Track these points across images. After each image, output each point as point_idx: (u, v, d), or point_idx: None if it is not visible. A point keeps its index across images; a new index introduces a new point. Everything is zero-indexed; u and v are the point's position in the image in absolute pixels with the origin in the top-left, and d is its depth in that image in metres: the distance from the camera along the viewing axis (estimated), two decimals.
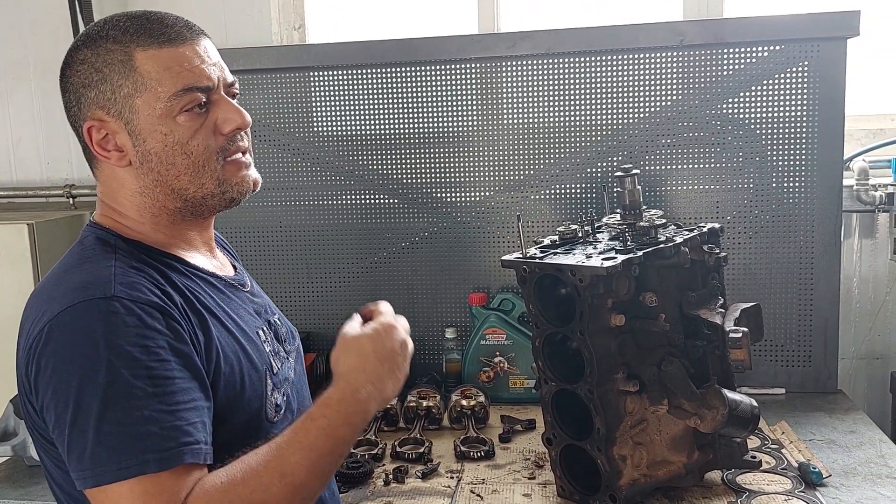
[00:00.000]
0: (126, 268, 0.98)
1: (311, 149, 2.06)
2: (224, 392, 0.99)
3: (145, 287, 0.96)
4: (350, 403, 0.97)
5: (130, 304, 0.93)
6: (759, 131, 1.88)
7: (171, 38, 1.02)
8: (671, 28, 1.88)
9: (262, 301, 1.20)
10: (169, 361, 0.92)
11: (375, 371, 1.00)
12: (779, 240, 1.90)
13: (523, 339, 1.88)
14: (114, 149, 1.03)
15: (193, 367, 0.95)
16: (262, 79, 2.04)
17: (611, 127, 1.94)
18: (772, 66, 1.85)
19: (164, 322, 0.94)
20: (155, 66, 1.00)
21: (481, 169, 2.01)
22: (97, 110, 1.02)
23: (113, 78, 1.01)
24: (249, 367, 1.04)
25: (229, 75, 1.08)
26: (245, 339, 1.06)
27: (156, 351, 0.92)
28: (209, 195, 1.05)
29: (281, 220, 2.09)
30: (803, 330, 1.92)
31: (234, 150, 1.05)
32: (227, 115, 1.04)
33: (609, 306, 1.31)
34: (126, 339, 0.91)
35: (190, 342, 0.96)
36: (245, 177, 1.07)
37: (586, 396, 1.33)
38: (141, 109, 1.00)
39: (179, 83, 1.00)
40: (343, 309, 2.08)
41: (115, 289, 0.93)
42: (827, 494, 1.38)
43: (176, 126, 1.01)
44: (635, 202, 1.44)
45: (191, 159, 1.02)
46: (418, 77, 2.00)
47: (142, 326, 0.92)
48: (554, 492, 1.43)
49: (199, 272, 1.08)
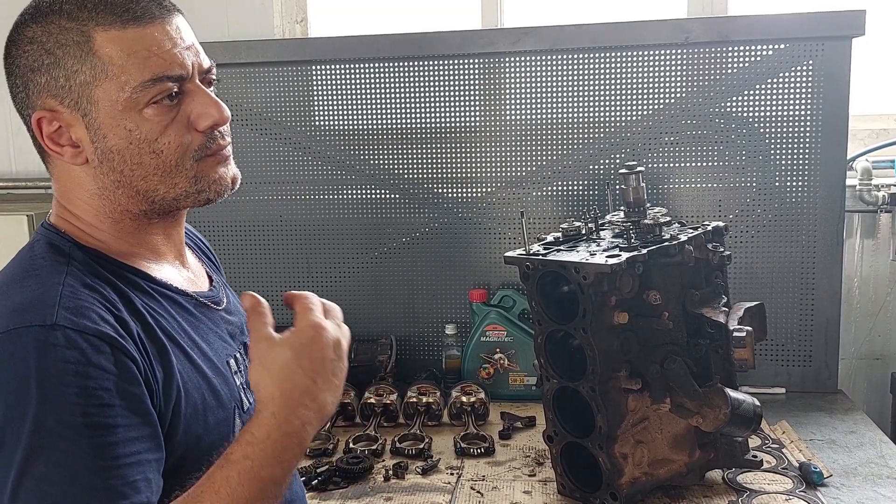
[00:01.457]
0: (77, 286, 0.84)
1: (312, 143, 2.05)
2: (184, 436, 0.86)
3: (96, 312, 0.82)
4: (279, 438, 0.80)
5: (74, 334, 0.78)
6: (763, 130, 1.88)
7: (138, 16, 0.86)
8: (676, 25, 1.87)
9: (239, 320, 1.05)
10: (112, 406, 0.78)
11: (307, 390, 0.82)
12: (781, 239, 1.90)
13: (524, 336, 1.88)
14: (68, 144, 0.89)
15: (143, 411, 0.81)
16: (264, 72, 2.03)
17: (614, 124, 1.93)
18: (776, 64, 1.84)
19: (112, 358, 0.80)
20: (118, 50, 0.86)
21: (483, 165, 2.00)
22: (49, 99, 0.87)
23: (67, 62, 0.86)
24: (216, 405, 0.91)
25: (206, 59, 0.93)
26: (213, 373, 0.92)
27: (98, 393, 0.77)
28: (182, 195, 0.92)
29: (281, 213, 2.08)
30: (804, 329, 1.91)
31: (214, 150, 0.92)
32: (203, 110, 0.90)
33: (612, 304, 1.30)
34: (62, 378, 0.76)
35: (144, 380, 0.82)
36: (223, 174, 0.93)
37: (588, 394, 1.32)
38: (101, 101, 0.86)
39: (147, 71, 0.86)
40: (343, 303, 2.05)
41: (59, 315, 0.79)
42: (828, 494, 1.38)
43: (142, 121, 0.87)
44: (639, 199, 1.44)
45: (160, 158, 0.89)
46: (420, 72, 1.99)
47: (84, 363, 0.77)
48: (554, 489, 1.43)
49: (165, 290, 0.94)
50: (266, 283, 2.10)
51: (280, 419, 0.80)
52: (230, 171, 0.95)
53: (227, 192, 0.95)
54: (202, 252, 1.13)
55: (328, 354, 0.85)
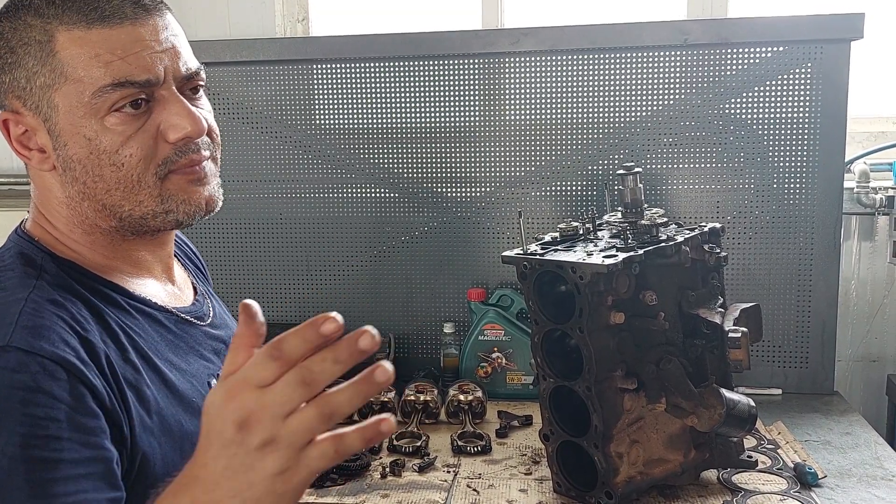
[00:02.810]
0: (42, 302, 0.77)
1: (313, 141, 2.06)
2: (162, 465, 0.80)
3: (57, 334, 0.74)
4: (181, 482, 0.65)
5: (26, 357, 0.71)
6: (761, 132, 1.88)
7: (106, 16, 0.80)
8: (676, 27, 1.88)
9: (225, 333, 0.98)
10: (59, 439, 0.71)
11: (197, 460, 0.63)
12: (778, 241, 1.90)
13: (521, 336, 1.88)
14: (35, 148, 0.83)
15: (96, 445, 0.73)
16: (265, 71, 2.04)
17: (613, 125, 1.94)
18: (775, 66, 1.85)
19: (68, 385, 0.72)
20: (79, 51, 0.79)
21: (482, 164, 2.01)
22: (14, 100, 0.82)
23: (27, 62, 0.80)
24: (194, 432, 0.73)
25: (190, 63, 0.85)
26: (193, 395, 0.85)
27: (43, 423, 0.70)
28: (149, 215, 0.84)
29: (281, 212, 2.09)
30: (801, 331, 1.92)
31: (183, 165, 0.84)
32: (174, 120, 0.82)
33: (609, 304, 1.31)
34: (7, 405, 0.69)
35: (109, 409, 0.75)
36: (193, 193, 0.85)
37: (584, 393, 1.33)
38: (61, 105, 0.80)
39: (108, 75, 0.79)
40: (342, 301, 2.09)
41: (14, 335, 0.73)
42: (822, 495, 1.39)
43: (103, 129, 0.80)
44: (637, 200, 1.44)
45: (122, 172, 0.81)
46: (421, 71, 1.99)
47: (34, 390, 0.70)
48: (550, 487, 1.44)
49: (143, 306, 0.87)
50: (265, 282, 2.11)
51: (178, 485, 0.65)
52: (204, 192, 0.86)
53: (198, 216, 0.86)
54: (188, 259, 1.08)
55: (229, 437, 0.60)
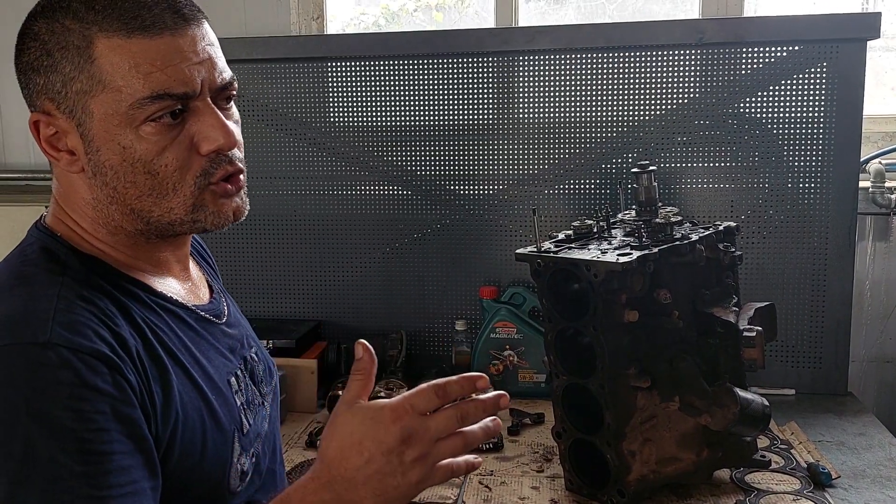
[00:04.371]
0: (72, 298, 0.77)
1: (327, 139, 2.07)
2: (179, 461, 0.81)
3: (92, 329, 0.75)
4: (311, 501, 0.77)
5: (68, 353, 0.72)
6: (776, 131, 1.88)
7: (147, 26, 0.79)
8: (690, 25, 1.87)
9: (239, 332, 0.99)
10: (108, 431, 0.73)
11: (349, 477, 0.76)
12: (792, 240, 1.90)
13: (533, 334, 1.89)
14: (65, 150, 0.83)
15: (139, 436, 0.75)
16: (280, 68, 2.05)
17: (627, 123, 1.94)
18: (790, 66, 1.84)
19: (109, 378, 0.74)
20: (119, 61, 0.79)
21: (495, 162, 2.01)
22: (46, 102, 0.82)
23: (64, 67, 0.80)
24: (214, 429, 0.85)
25: (225, 73, 0.85)
26: (213, 393, 0.87)
27: (92, 417, 0.72)
28: (177, 221, 0.85)
29: (295, 209, 2.10)
30: (815, 331, 1.91)
31: (220, 176, 0.85)
32: (208, 133, 0.82)
33: (623, 302, 1.31)
34: (56, 402, 0.71)
35: (140, 403, 0.77)
36: (224, 206, 0.86)
37: (597, 391, 1.33)
38: (96, 112, 0.80)
39: (147, 87, 0.79)
40: (355, 298, 2.10)
41: (53, 332, 0.73)
42: (835, 496, 1.38)
43: (139, 139, 0.80)
44: (651, 199, 1.45)
45: (156, 180, 0.82)
46: (435, 69, 2.00)
47: (79, 385, 0.72)
48: (562, 485, 1.44)
49: (166, 303, 0.88)
50: (279, 277, 2.12)
51: (318, 483, 0.77)
52: (235, 204, 0.87)
53: (225, 226, 0.88)
54: (200, 255, 1.07)
55: (391, 447, 0.76)
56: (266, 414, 0.99)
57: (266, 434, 0.97)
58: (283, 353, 1.86)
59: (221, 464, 0.86)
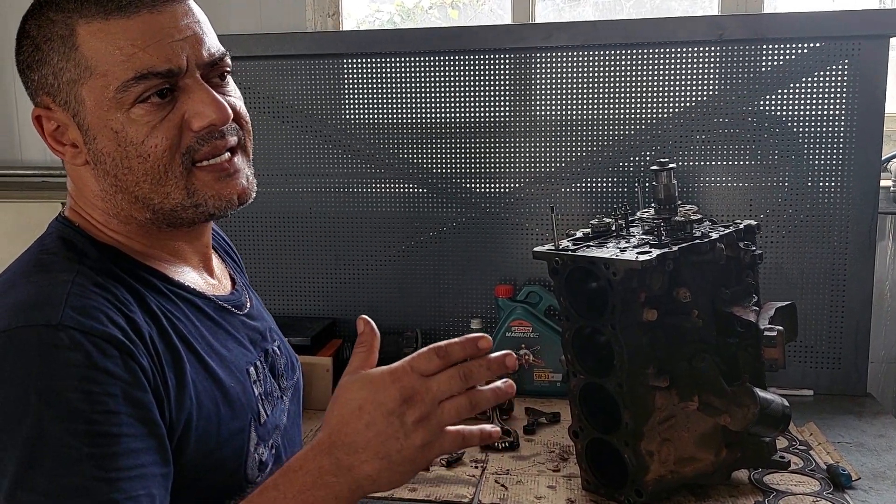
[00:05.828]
0: (87, 284, 0.78)
1: (342, 136, 2.06)
2: (195, 450, 0.81)
3: (104, 314, 0.76)
4: (311, 472, 0.74)
5: (80, 335, 0.73)
6: (796, 129, 1.86)
7: (123, 6, 0.79)
8: (711, 22, 1.85)
9: (262, 325, 1.00)
10: (118, 414, 0.73)
11: (352, 442, 0.73)
12: (812, 240, 1.88)
13: (549, 333, 1.88)
14: (68, 143, 0.84)
15: (151, 421, 0.75)
16: (296, 65, 2.04)
17: (645, 121, 1.93)
18: (811, 63, 1.82)
19: (121, 362, 0.74)
20: (100, 45, 0.79)
21: (512, 160, 2.00)
22: (44, 97, 0.83)
23: (53, 59, 0.81)
24: (230, 417, 0.85)
25: (214, 48, 0.84)
26: (230, 381, 0.87)
27: (103, 399, 0.72)
28: (179, 207, 0.84)
29: (311, 206, 2.10)
30: (834, 332, 1.89)
31: (206, 153, 0.83)
32: (199, 109, 0.81)
33: (641, 301, 1.30)
34: (66, 383, 0.71)
35: (153, 389, 0.77)
36: (223, 188, 0.85)
37: (615, 390, 1.32)
38: (87, 100, 0.80)
39: (130, 68, 0.79)
40: (370, 296, 2.10)
41: (64, 314, 0.74)
42: (855, 497, 1.37)
43: (129, 121, 0.80)
44: (671, 197, 1.43)
45: (148, 163, 0.81)
46: (451, 66, 1.99)
47: (89, 367, 0.72)
48: (579, 485, 1.43)
49: (182, 291, 0.88)
50: (295, 274, 2.12)
51: (318, 450, 0.74)
52: (237, 185, 0.86)
53: (230, 208, 0.86)
54: (225, 252, 1.09)
55: (391, 409, 0.72)
56: (284, 408, 0.99)
57: (286, 427, 0.97)
58: (299, 351, 1.80)
59: (238, 451, 0.86)
